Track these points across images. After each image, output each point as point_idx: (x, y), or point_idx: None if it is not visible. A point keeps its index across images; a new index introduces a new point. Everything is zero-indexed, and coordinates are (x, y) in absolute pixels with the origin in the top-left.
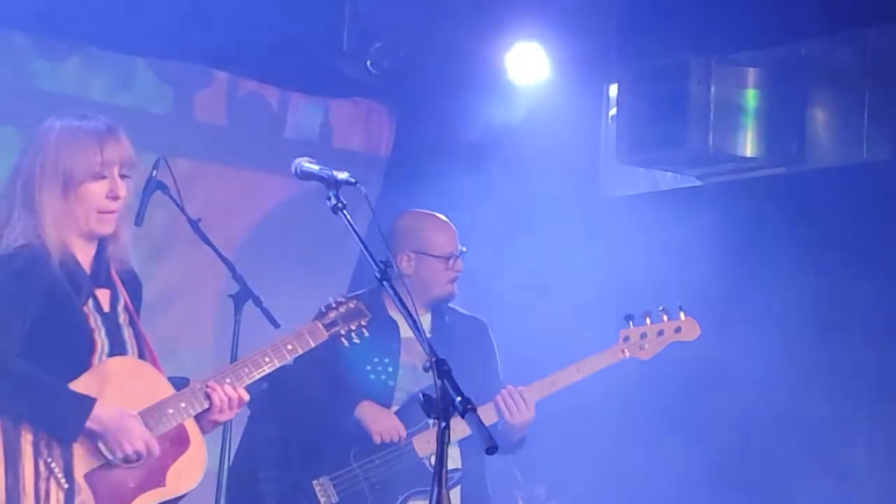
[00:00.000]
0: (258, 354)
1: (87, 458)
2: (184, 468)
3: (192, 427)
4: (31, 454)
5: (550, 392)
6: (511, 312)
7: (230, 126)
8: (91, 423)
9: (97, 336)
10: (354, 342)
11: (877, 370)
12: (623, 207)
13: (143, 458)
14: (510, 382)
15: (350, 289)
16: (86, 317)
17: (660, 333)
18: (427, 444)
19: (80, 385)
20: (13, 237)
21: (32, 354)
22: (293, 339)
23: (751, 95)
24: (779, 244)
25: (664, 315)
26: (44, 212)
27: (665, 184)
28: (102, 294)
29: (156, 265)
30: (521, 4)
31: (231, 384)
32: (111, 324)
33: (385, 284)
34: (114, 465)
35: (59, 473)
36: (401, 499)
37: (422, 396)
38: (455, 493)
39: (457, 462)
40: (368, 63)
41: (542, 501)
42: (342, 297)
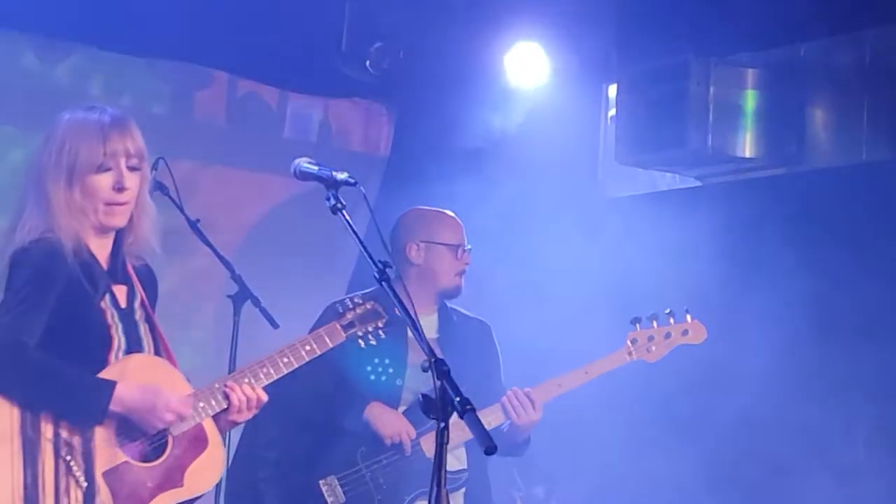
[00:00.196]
0: (277, 355)
1: (107, 457)
2: (202, 468)
3: (211, 427)
4: (52, 452)
5: (558, 394)
6: (509, 313)
7: (229, 126)
8: (114, 406)
9: (114, 332)
10: (371, 344)
11: (877, 370)
12: (622, 208)
13: (179, 421)
14: (509, 383)
15: (349, 290)
16: (103, 313)
17: (667, 336)
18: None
19: None
20: (25, 231)
21: (49, 351)
22: (311, 340)
23: (750, 96)
24: (778, 245)
25: (671, 318)
26: (53, 205)
27: (664, 184)
28: (119, 290)
29: (155, 265)
30: (521, 5)
31: (250, 384)
32: (128, 320)
33: (384, 285)
34: (132, 465)
35: (79, 472)
36: (408, 499)
37: (421, 397)
38: (460, 495)
39: (463, 462)
40: (368, 63)
41: (541, 502)
42: (359, 298)
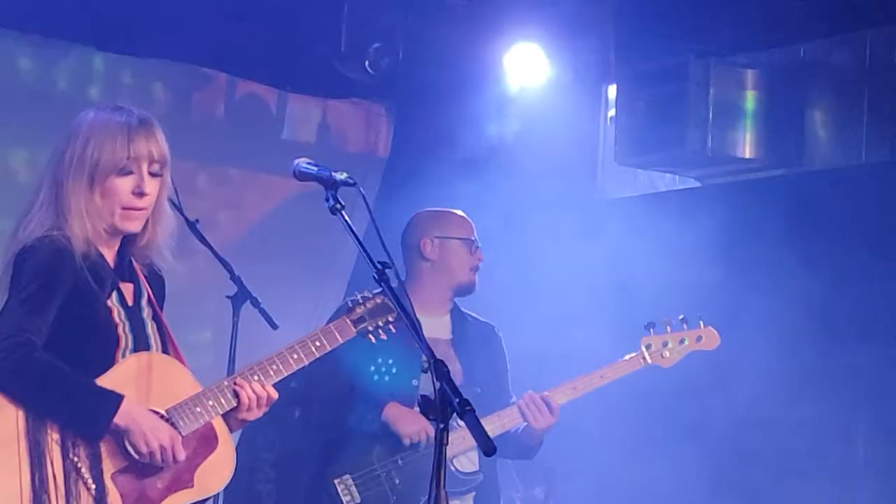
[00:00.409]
0: (286, 351)
1: (115, 458)
2: (212, 468)
3: (220, 425)
4: (59, 453)
5: (573, 397)
6: (509, 313)
7: (228, 127)
8: (118, 420)
9: (121, 331)
10: (381, 339)
11: (876, 371)
12: (622, 209)
13: (168, 460)
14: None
15: (348, 290)
16: (110, 311)
17: (681, 342)
18: (452, 446)
19: (106, 381)
20: (31, 228)
21: (56, 349)
22: (321, 336)
23: (750, 97)
24: (778, 245)
25: (684, 324)
26: (70, 204)
27: (664, 185)
28: (126, 287)
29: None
30: (520, 6)
31: (260, 382)
32: (135, 318)
33: (383, 286)
34: (141, 466)
35: (87, 475)
36: (423, 500)
37: (420, 398)
38: (469, 498)
39: (476, 465)
40: (367, 64)
41: (540, 503)
42: (369, 293)
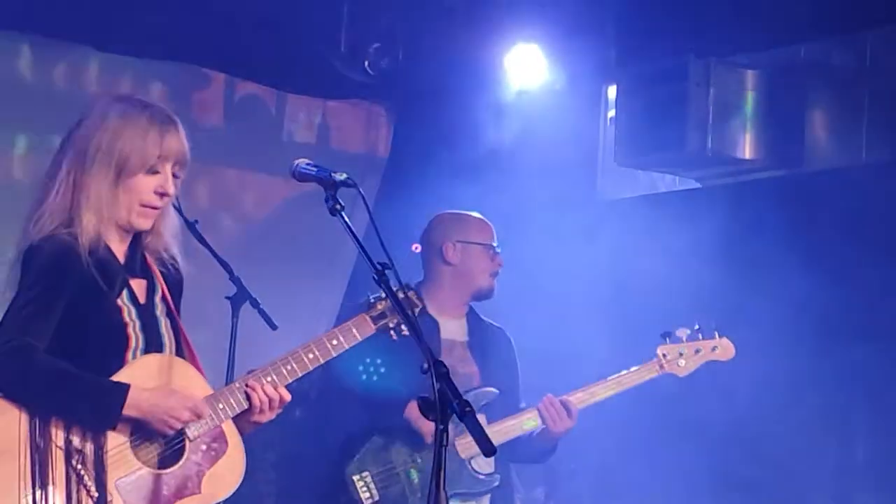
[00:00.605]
0: (302, 350)
1: (121, 462)
2: (221, 473)
3: (230, 429)
4: (62, 460)
5: (590, 402)
6: (508, 314)
7: (228, 127)
8: (128, 411)
9: (131, 330)
10: (403, 335)
11: (876, 371)
12: (621, 210)
13: (196, 420)
14: None
15: (348, 291)
16: (119, 310)
17: (697, 352)
18: (470, 446)
19: None
20: (42, 223)
21: (64, 351)
22: (338, 334)
23: (750, 98)
24: (778, 246)
25: (699, 334)
26: (89, 193)
27: (664, 186)
28: (138, 284)
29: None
30: (520, 6)
31: (272, 383)
32: (147, 316)
33: (382, 286)
34: (147, 472)
35: (90, 482)
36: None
37: (419, 399)
38: (486, 500)
39: (492, 466)
40: (366, 64)
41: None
42: (393, 287)
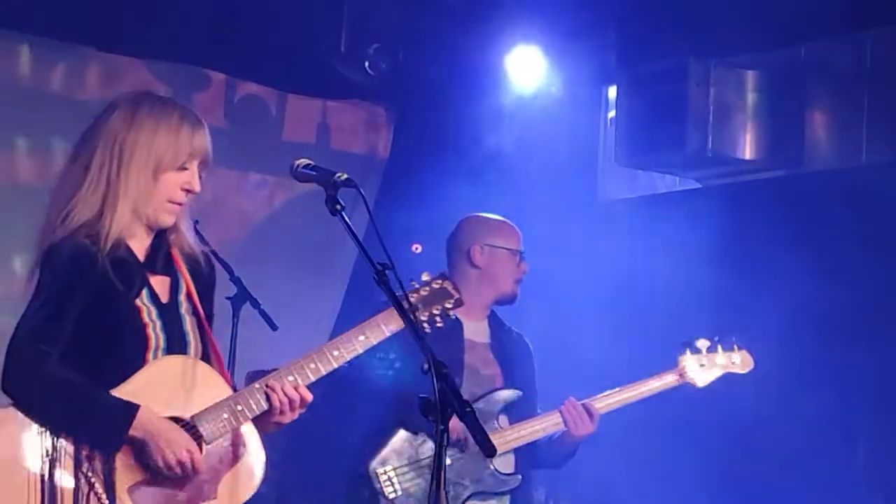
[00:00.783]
0: (327, 348)
1: (132, 471)
2: (237, 478)
3: (250, 431)
4: (72, 467)
5: (610, 409)
6: (508, 315)
7: (228, 128)
8: (134, 431)
9: (151, 331)
10: (438, 326)
11: (876, 372)
12: (621, 210)
13: (187, 473)
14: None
15: (348, 291)
16: (138, 311)
17: (717, 363)
18: None
19: (129, 387)
20: (73, 214)
21: (81, 354)
22: (366, 329)
23: (750, 98)
24: (778, 246)
25: (719, 345)
26: (127, 187)
27: (664, 186)
28: (160, 282)
29: None
30: (521, 7)
31: (294, 383)
32: (169, 315)
33: (382, 287)
34: (161, 478)
35: (100, 489)
36: (464, 497)
37: (419, 400)
38: (506, 500)
39: (511, 467)
40: (366, 65)
41: None
42: (428, 276)
